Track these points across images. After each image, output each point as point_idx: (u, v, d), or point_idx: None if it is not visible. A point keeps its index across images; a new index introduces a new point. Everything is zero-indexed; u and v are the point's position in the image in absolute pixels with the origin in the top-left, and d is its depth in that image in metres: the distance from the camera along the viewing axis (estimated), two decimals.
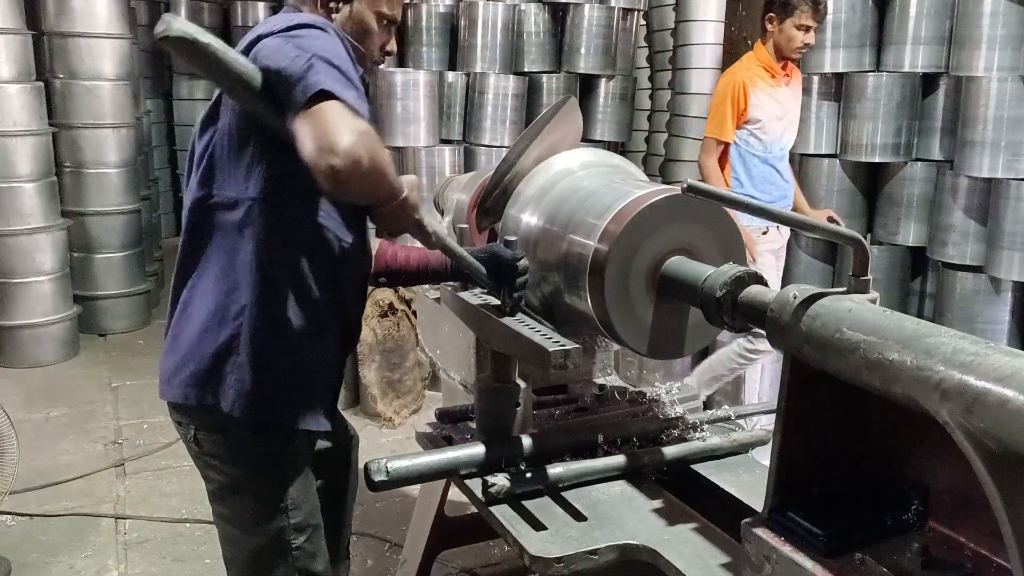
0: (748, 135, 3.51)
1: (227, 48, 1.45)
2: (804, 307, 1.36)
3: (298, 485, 1.69)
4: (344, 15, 1.67)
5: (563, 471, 1.77)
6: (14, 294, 4.88)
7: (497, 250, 1.81)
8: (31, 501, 3.31)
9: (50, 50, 5.22)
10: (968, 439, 1.09)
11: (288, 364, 1.62)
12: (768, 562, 1.34)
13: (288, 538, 1.68)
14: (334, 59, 1.43)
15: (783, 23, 3.46)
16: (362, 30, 1.69)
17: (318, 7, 1.66)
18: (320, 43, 1.46)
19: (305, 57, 1.41)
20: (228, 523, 1.73)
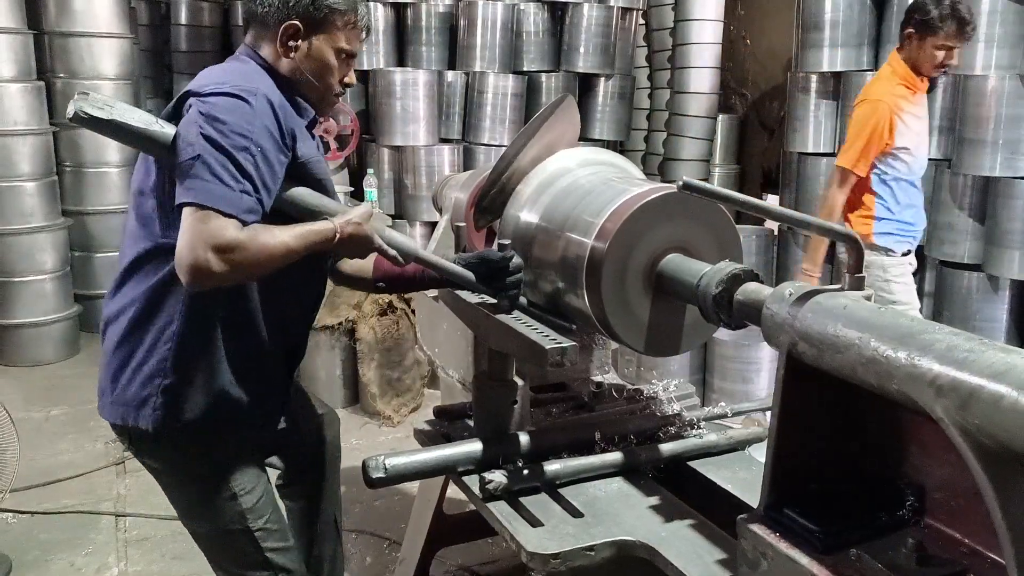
0: (894, 159, 3.22)
1: (141, 115, 1.57)
2: (799, 304, 1.37)
3: (242, 473, 1.75)
4: (303, 53, 1.70)
5: (560, 468, 1.78)
6: (15, 293, 4.89)
7: (486, 254, 1.84)
8: (32, 499, 3.32)
9: (51, 50, 5.22)
10: (963, 435, 1.10)
11: (215, 389, 1.69)
12: (764, 559, 1.35)
13: (248, 524, 1.75)
14: (234, 147, 1.51)
15: (923, 41, 3.15)
16: (322, 66, 1.72)
17: (276, 47, 1.70)
18: (228, 123, 1.52)
19: (193, 151, 1.50)
20: (187, 518, 1.83)
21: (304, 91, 1.73)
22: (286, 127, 1.61)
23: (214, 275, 1.47)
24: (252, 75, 1.66)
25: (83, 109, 1.52)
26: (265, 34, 1.71)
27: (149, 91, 7.31)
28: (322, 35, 1.69)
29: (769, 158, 6.96)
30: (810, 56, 4.52)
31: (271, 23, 1.68)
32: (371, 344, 4.06)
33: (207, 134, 1.51)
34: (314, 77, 1.72)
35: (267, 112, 1.57)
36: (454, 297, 2.04)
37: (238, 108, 1.54)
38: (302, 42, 1.69)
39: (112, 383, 1.71)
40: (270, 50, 1.71)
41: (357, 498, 3.34)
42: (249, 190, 1.52)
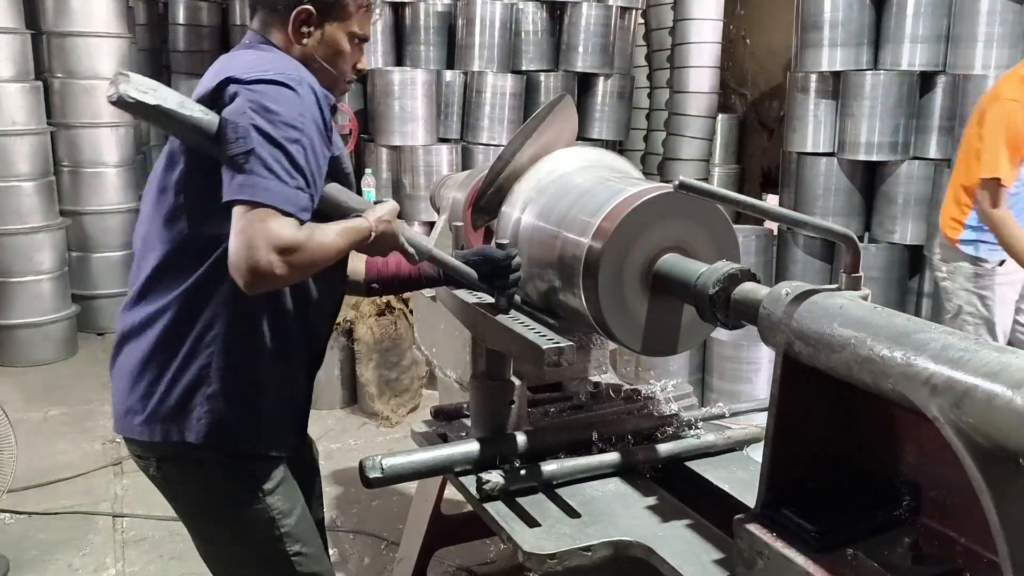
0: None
1: (180, 102, 1.45)
2: (796, 304, 1.37)
3: (280, 494, 1.65)
4: (316, 39, 1.63)
5: (557, 468, 1.78)
6: (12, 293, 4.89)
7: (488, 252, 1.82)
8: (29, 499, 3.32)
9: (48, 49, 5.22)
10: (957, 434, 1.10)
11: (258, 395, 1.61)
12: (760, 558, 1.35)
13: (286, 548, 1.65)
14: (286, 139, 1.43)
15: None
16: (335, 52, 1.65)
17: (288, 34, 1.61)
18: (279, 113, 1.44)
19: (248, 145, 1.41)
20: (215, 542, 1.70)
21: (317, 78, 1.61)
22: (328, 119, 1.53)
23: (276, 278, 1.39)
24: (289, 63, 1.56)
25: (128, 93, 1.40)
26: (275, 20, 1.62)
27: None
28: (335, 20, 1.62)
29: (769, 158, 6.97)
30: (809, 56, 4.53)
31: (281, 8, 1.60)
32: (369, 344, 4.06)
33: (258, 125, 1.42)
34: (328, 63, 1.64)
35: (313, 102, 1.49)
36: (452, 297, 2.04)
37: (287, 97, 1.46)
38: (315, 28, 1.61)
39: (144, 400, 1.58)
40: (281, 37, 1.62)
41: (355, 498, 3.34)
42: (303, 186, 1.44)
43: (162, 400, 1.57)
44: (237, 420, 1.58)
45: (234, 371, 1.57)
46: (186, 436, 1.56)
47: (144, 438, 1.60)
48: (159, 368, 1.57)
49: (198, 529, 1.72)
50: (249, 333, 1.58)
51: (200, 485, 1.65)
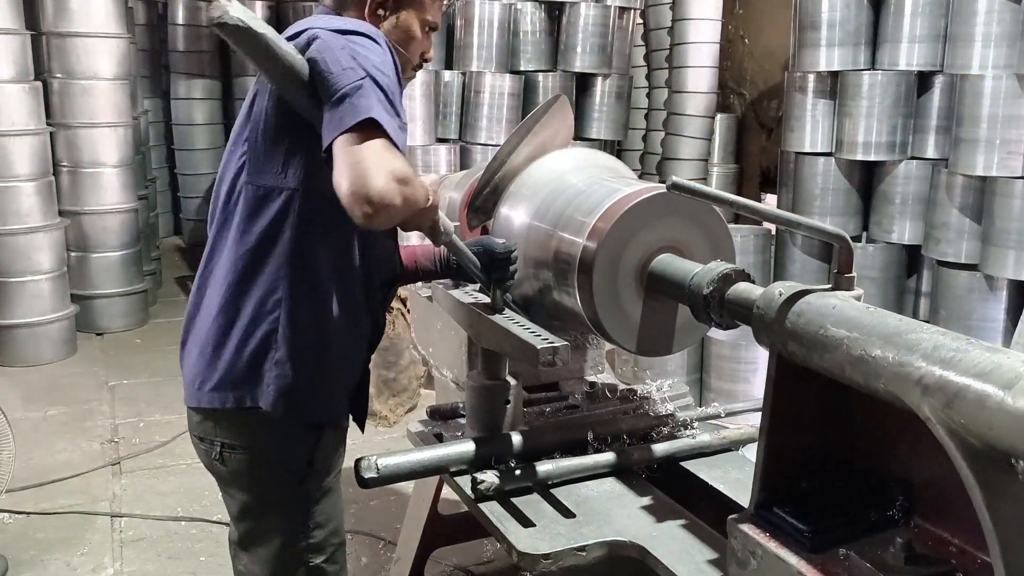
0: None
1: (279, 38, 1.41)
2: (789, 304, 1.37)
3: (326, 503, 1.65)
4: (391, 23, 1.62)
5: (552, 468, 1.78)
6: (12, 293, 4.89)
7: (488, 243, 1.82)
8: (28, 499, 3.32)
9: (48, 50, 5.22)
10: (949, 434, 1.10)
11: (326, 360, 1.56)
12: (753, 557, 1.35)
13: (306, 558, 1.63)
14: (384, 82, 1.40)
15: None
16: (407, 38, 1.64)
17: (365, 14, 1.59)
18: (376, 59, 1.42)
19: (359, 73, 1.38)
20: (250, 541, 1.66)
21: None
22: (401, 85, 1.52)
23: (396, 209, 1.33)
24: (370, 27, 1.53)
25: (236, 16, 1.33)
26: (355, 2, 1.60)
27: (147, 91, 7.31)
28: (411, 7, 1.62)
29: (768, 157, 6.97)
30: (807, 55, 4.53)
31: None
32: None
33: (360, 62, 1.39)
34: (400, 48, 1.61)
35: (392, 62, 1.47)
36: (448, 297, 2.04)
37: (377, 49, 1.45)
38: (390, 12, 1.61)
39: (210, 366, 1.54)
40: (355, 15, 1.59)
41: (353, 498, 3.33)
42: (403, 126, 1.41)
43: (234, 365, 1.53)
44: (304, 387, 1.54)
45: (302, 336, 1.52)
46: (260, 401, 1.53)
47: (217, 406, 1.55)
48: (224, 333, 1.53)
49: (240, 519, 1.67)
50: (313, 297, 1.53)
51: (255, 470, 1.60)
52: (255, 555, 1.66)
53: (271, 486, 1.62)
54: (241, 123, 1.58)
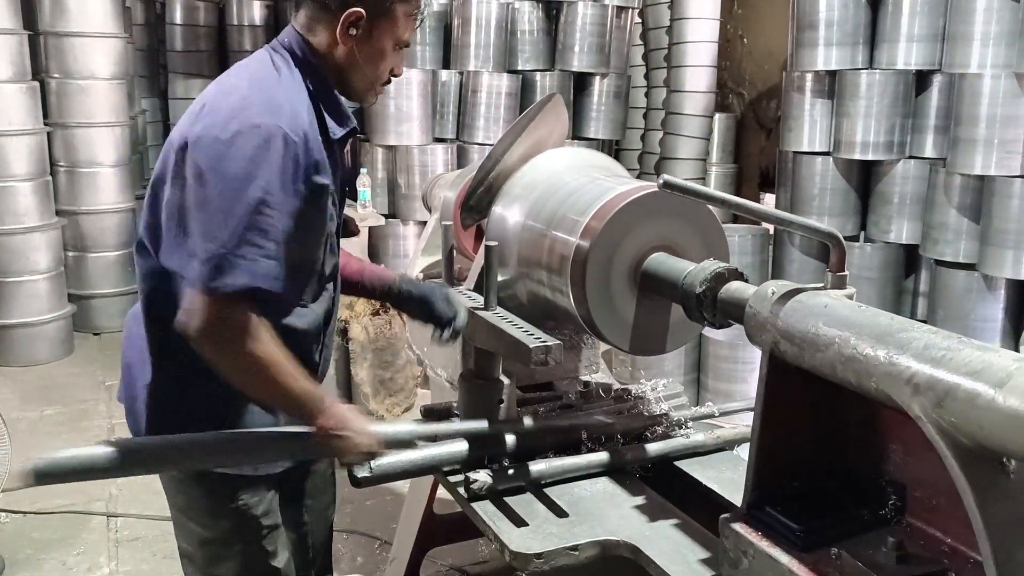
0: None
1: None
2: (781, 303, 1.36)
3: (253, 489, 1.67)
4: (362, 40, 1.58)
5: (545, 468, 1.77)
6: (9, 293, 4.89)
7: (432, 301, 1.82)
8: (24, 499, 3.32)
9: (45, 50, 5.22)
10: (939, 433, 1.10)
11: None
12: (745, 557, 1.35)
13: (242, 538, 1.69)
14: (266, 211, 1.41)
15: None
16: (378, 54, 1.60)
17: (335, 32, 1.56)
18: (252, 180, 1.40)
19: (231, 235, 1.40)
20: (183, 515, 1.73)
21: (353, 79, 1.61)
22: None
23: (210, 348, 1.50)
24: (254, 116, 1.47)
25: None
26: (324, 18, 1.56)
27: (144, 90, 7.31)
28: (384, 24, 1.58)
29: (767, 157, 6.97)
30: (805, 55, 4.52)
31: (333, 7, 1.55)
32: (364, 344, 4.06)
33: (230, 209, 1.43)
34: (368, 65, 1.60)
35: (287, 149, 1.46)
36: None
37: (254, 155, 1.44)
38: (362, 32, 1.57)
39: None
40: (326, 35, 1.57)
41: (348, 498, 3.33)
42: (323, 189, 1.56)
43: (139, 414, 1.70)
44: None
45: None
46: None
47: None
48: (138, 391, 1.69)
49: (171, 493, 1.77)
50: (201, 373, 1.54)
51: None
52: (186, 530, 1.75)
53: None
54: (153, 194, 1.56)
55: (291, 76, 1.55)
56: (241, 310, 1.42)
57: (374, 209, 5.15)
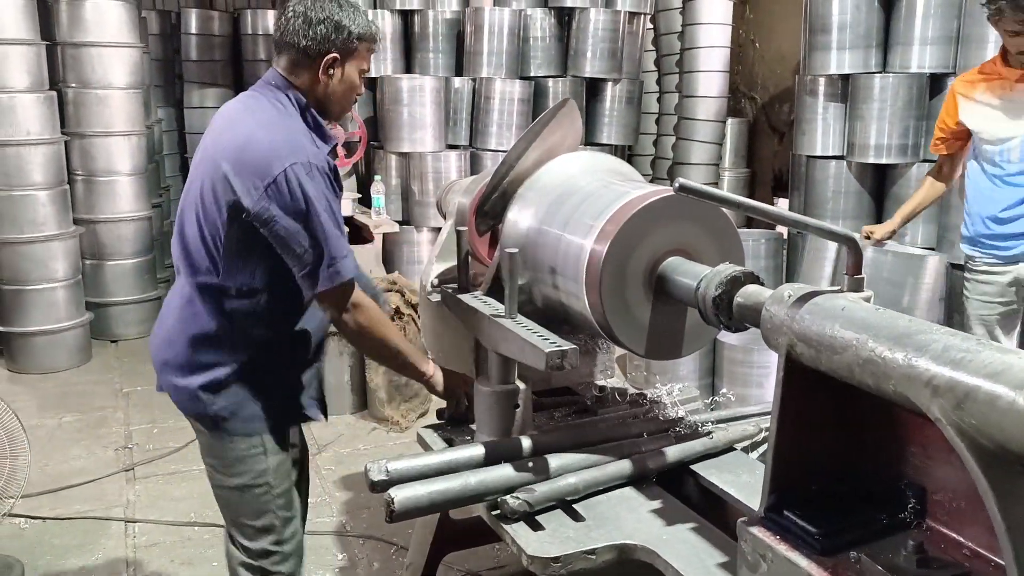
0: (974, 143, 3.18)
1: None
2: (798, 306, 1.36)
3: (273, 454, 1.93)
4: (337, 78, 1.87)
5: (576, 481, 1.74)
6: (28, 301, 4.93)
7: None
8: (44, 504, 3.35)
9: (63, 60, 5.28)
10: (960, 436, 1.09)
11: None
12: (764, 560, 1.34)
13: (264, 482, 1.93)
14: (328, 221, 1.76)
15: (996, 26, 2.99)
16: (350, 86, 1.90)
17: (316, 75, 1.85)
18: (313, 203, 1.74)
19: (315, 252, 1.76)
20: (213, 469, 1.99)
21: (331, 107, 1.91)
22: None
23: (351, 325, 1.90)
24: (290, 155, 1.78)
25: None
26: (306, 63, 1.84)
27: (160, 100, 7.38)
28: (352, 61, 1.87)
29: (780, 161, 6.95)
30: (818, 58, 4.51)
31: (312, 55, 1.83)
32: None
33: (313, 228, 1.79)
34: (343, 94, 1.91)
35: (322, 165, 1.83)
36: (457, 301, 2.05)
37: (307, 183, 1.78)
38: (336, 69, 1.86)
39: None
40: (308, 77, 1.86)
41: (365, 503, 3.34)
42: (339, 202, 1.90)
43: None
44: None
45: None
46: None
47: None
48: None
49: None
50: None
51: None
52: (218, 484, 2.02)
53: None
54: (195, 202, 1.86)
55: (291, 117, 1.85)
56: (349, 293, 1.81)
57: (388, 216, 5.18)
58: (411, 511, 1.66)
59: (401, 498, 1.63)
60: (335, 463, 3.74)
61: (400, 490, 1.64)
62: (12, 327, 4.93)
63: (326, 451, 3.85)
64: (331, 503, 3.38)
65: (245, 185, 1.74)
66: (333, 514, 3.29)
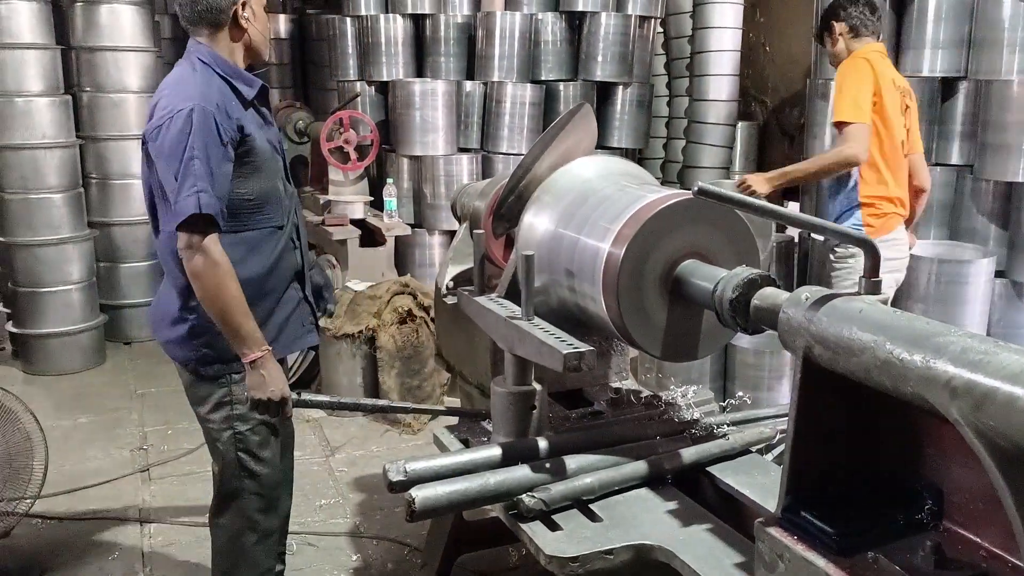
0: None
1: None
2: (815, 308, 1.38)
3: (242, 386, 2.09)
4: (252, 19, 2.12)
5: (592, 481, 1.76)
6: (43, 303, 4.98)
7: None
8: (60, 505, 3.38)
9: (78, 64, 5.33)
10: (978, 437, 1.10)
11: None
12: (781, 561, 1.35)
13: (233, 426, 2.17)
14: (192, 161, 1.92)
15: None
16: (261, 21, 2.16)
17: (239, 25, 2.09)
18: (186, 142, 1.92)
19: (172, 191, 1.93)
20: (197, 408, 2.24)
21: (257, 45, 2.16)
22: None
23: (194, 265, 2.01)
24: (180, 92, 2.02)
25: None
26: (223, 22, 2.08)
27: None
28: (252, 2, 2.12)
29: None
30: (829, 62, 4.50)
31: (224, 7, 2.06)
32: (391, 352, 4.09)
33: (176, 153, 1.99)
34: (262, 31, 2.17)
35: (213, 102, 2.00)
36: (473, 303, 2.07)
37: (180, 119, 1.97)
38: (249, 11, 2.10)
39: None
40: (226, 37, 2.10)
41: (378, 504, 3.36)
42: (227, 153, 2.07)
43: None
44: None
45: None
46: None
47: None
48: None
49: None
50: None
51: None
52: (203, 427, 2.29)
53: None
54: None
55: (202, 72, 2.06)
56: (199, 234, 1.92)
57: (400, 219, 5.20)
58: (431, 510, 1.68)
59: (422, 498, 1.64)
60: (348, 465, 3.76)
61: (421, 490, 1.66)
62: (27, 329, 4.97)
63: (339, 453, 3.87)
64: (345, 504, 3.40)
65: (147, 137, 2.02)
66: (347, 515, 3.31)
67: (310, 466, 3.69)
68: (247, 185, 2.06)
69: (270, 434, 2.23)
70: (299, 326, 2.26)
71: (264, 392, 2.02)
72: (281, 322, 2.19)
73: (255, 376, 2.01)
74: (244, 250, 2.07)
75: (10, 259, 4.98)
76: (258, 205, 2.10)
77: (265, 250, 2.12)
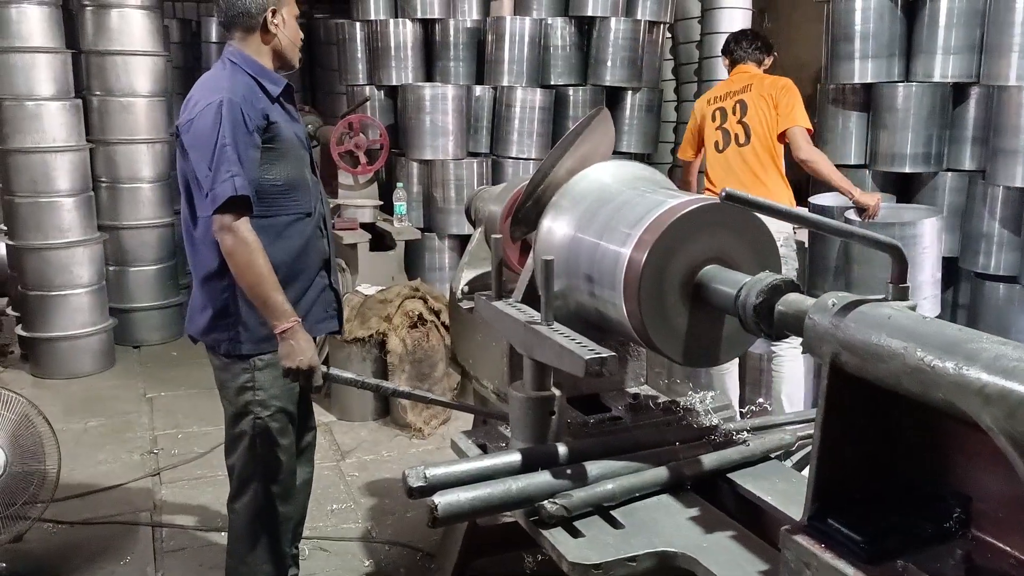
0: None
1: None
2: (843, 314, 1.37)
3: (266, 373, 2.27)
4: (282, 27, 2.28)
5: (613, 487, 1.75)
6: (53, 306, 4.98)
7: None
8: (71, 509, 3.37)
9: (88, 68, 5.34)
10: (1012, 445, 1.10)
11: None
12: (808, 568, 1.35)
13: (254, 411, 2.29)
14: (223, 149, 2.08)
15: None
16: (292, 28, 2.32)
17: (265, 35, 2.26)
18: (217, 132, 2.09)
19: (206, 180, 2.09)
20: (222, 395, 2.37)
21: (286, 50, 2.32)
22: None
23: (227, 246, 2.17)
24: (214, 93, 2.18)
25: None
26: (254, 27, 2.24)
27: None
28: (285, 8, 2.30)
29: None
30: (840, 68, 4.51)
31: (255, 13, 2.23)
32: (401, 356, 4.09)
33: (208, 145, 2.16)
34: (292, 38, 2.33)
35: (241, 97, 2.17)
36: (491, 308, 2.06)
37: (212, 115, 2.14)
38: (278, 21, 2.27)
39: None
40: (259, 38, 2.26)
41: (390, 509, 3.36)
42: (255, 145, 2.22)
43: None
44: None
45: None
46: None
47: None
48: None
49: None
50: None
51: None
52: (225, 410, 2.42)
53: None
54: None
55: (231, 70, 2.23)
56: (233, 215, 2.08)
57: (410, 223, 5.20)
58: (454, 516, 1.67)
59: (444, 504, 1.64)
60: (359, 469, 3.76)
61: (443, 496, 1.65)
62: (37, 332, 4.98)
63: (349, 457, 3.87)
64: (356, 509, 3.39)
65: (180, 130, 2.19)
66: (358, 520, 3.31)
67: (321, 470, 3.68)
68: (274, 171, 2.20)
69: (288, 422, 2.35)
70: (322, 311, 2.41)
71: (294, 360, 2.14)
72: (308, 305, 2.33)
73: (286, 345, 2.14)
74: (273, 234, 2.21)
75: (20, 262, 4.99)
76: (285, 191, 2.24)
77: (294, 235, 2.26)
